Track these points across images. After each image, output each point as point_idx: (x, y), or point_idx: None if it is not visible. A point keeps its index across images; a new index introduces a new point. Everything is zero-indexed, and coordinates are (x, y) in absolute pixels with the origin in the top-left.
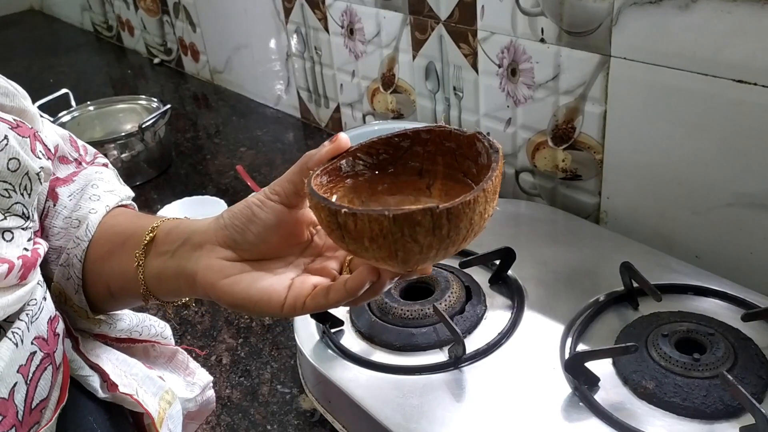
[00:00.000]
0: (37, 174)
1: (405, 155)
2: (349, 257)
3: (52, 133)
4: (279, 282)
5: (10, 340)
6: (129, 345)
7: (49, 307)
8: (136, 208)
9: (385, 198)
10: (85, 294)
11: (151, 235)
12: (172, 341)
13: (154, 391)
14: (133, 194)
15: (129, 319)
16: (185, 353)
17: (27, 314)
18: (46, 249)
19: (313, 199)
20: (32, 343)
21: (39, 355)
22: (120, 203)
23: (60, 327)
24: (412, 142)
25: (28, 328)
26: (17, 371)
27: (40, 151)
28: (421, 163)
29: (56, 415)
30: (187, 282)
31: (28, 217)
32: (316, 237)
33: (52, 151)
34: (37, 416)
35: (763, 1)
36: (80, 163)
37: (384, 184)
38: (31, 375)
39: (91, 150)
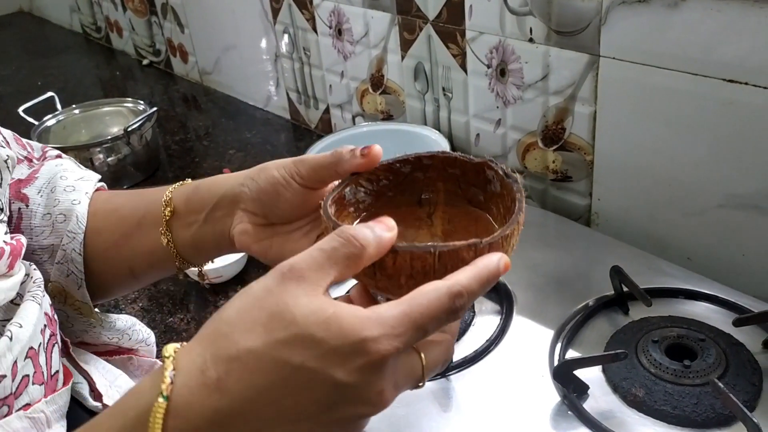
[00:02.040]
0: (5, 161)
1: (405, 181)
2: None
3: None
4: (303, 245)
5: (33, 301)
6: (111, 357)
7: (47, 296)
8: (107, 188)
9: None
10: (91, 285)
11: (169, 209)
12: (155, 350)
13: None
14: (99, 176)
15: (123, 322)
16: None
17: (39, 286)
18: (26, 242)
19: None
20: (43, 315)
21: (48, 330)
22: (96, 187)
23: (56, 316)
24: (412, 168)
25: (42, 296)
26: (40, 332)
27: (1, 141)
28: (420, 190)
29: (68, 387)
30: (227, 243)
31: (1, 209)
32: None
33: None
34: (54, 384)
35: None
36: (31, 161)
37: (381, 211)
38: (45, 344)
39: (37, 146)
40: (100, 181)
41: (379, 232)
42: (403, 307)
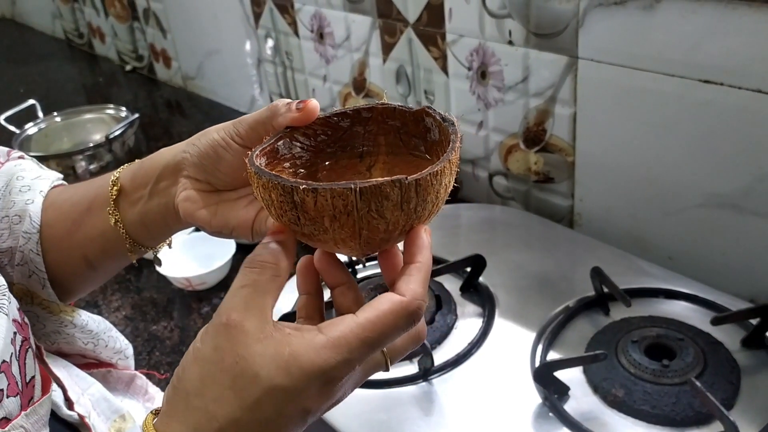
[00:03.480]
0: None
1: (344, 136)
2: None
3: None
4: (249, 212)
5: (1, 311)
6: (89, 370)
7: (14, 300)
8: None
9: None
10: (54, 283)
11: (116, 188)
12: (132, 362)
13: (107, 415)
14: (61, 176)
15: (96, 323)
16: (144, 378)
17: (3, 294)
18: None
19: (261, 179)
20: (12, 323)
21: (19, 337)
22: (53, 185)
23: (26, 319)
24: (352, 122)
25: (9, 303)
26: (10, 342)
27: None
28: (361, 145)
29: (48, 395)
30: (173, 216)
31: None
32: None
33: None
34: (31, 391)
35: (727, 0)
36: None
37: (323, 171)
38: (18, 352)
39: (2, 150)
40: (63, 179)
41: (275, 244)
42: (358, 330)
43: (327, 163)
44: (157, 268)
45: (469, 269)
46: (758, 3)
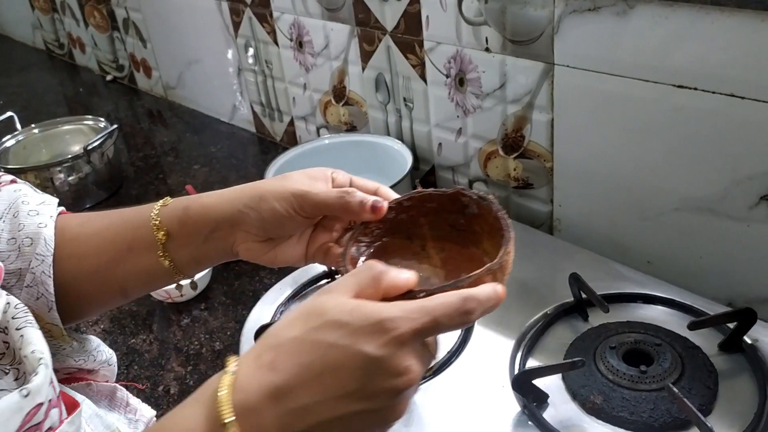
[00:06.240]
0: None
1: (392, 225)
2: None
3: None
4: (301, 247)
5: (31, 326)
6: (69, 384)
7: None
8: (67, 211)
9: None
10: (69, 308)
11: (162, 233)
12: (116, 370)
13: (100, 431)
14: (57, 200)
15: (91, 342)
16: (124, 390)
17: (26, 312)
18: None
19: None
20: None
21: None
22: (59, 212)
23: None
24: (396, 212)
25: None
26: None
27: None
28: (407, 228)
29: (74, 414)
30: (231, 255)
31: None
32: None
33: None
34: (60, 403)
35: (699, 5)
36: None
37: (384, 257)
38: None
39: None
40: (59, 204)
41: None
42: (420, 301)
43: (386, 251)
44: None
45: None
46: (730, 8)
